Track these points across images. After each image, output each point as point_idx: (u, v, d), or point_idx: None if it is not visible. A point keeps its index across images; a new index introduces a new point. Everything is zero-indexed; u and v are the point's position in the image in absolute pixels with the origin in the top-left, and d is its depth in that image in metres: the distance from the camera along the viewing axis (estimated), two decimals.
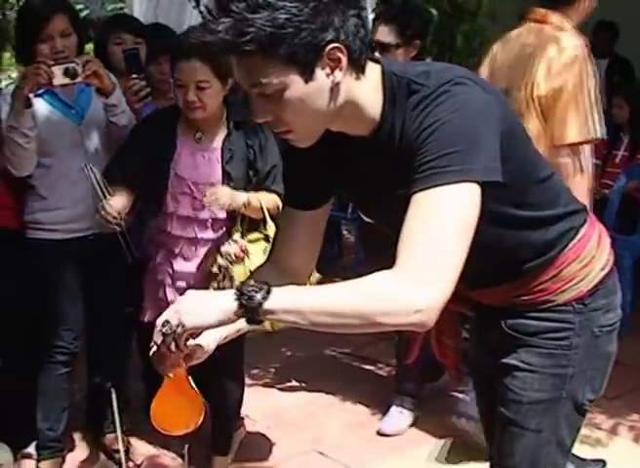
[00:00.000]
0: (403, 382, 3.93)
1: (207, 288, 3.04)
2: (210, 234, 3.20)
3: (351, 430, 3.94)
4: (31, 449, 3.38)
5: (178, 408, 1.65)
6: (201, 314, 1.54)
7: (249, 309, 1.50)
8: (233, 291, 1.54)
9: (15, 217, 3.43)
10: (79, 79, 3.15)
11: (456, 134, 1.53)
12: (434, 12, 4.02)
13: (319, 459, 3.70)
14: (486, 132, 1.56)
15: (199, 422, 1.68)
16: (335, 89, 1.57)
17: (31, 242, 3.40)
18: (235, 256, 3.10)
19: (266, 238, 3.14)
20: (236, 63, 1.57)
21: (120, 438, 1.78)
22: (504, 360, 1.91)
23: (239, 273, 3.07)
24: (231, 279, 3.08)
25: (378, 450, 3.74)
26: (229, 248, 3.12)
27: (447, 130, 1.54)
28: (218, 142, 3.19)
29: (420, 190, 1.52)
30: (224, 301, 1.53)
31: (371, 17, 3.73)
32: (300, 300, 1.51)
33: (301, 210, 1.83)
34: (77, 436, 3.75)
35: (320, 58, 1.53)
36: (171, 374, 1.62)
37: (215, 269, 3.13)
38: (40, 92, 3.23)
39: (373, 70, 1.64)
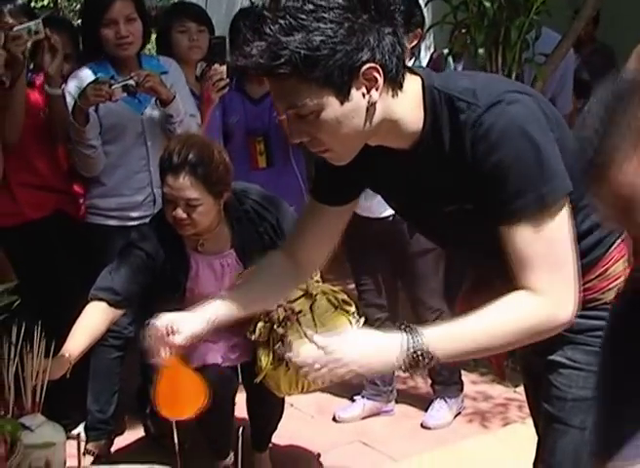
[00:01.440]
0: (447, 376, 3.93)
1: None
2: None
3: (396, 422, 3.96)
4: (80, 430, 3.48)
5: (181, 393, 1.68)
6: (368, 369, 1.63)
7: (415, 369, 1.60)
8: (397, 356, 1.57)
9: (79, 203, 3.52)
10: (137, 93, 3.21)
11: (530, 157, 1.56)
12: (488, 4, 3.99)
13: (363, 450, 3.72)
14: (549, 142, 1.59)
15: (204, 402, 1.72)
16: (371, 108, 1.57)
17: (91, 227, 3.48)
18: (286, 320, 2.84)
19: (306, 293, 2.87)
20: (271, 85, 1.58)
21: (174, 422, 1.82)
22: (550, 357, 1.90)
23: (294, 335, 2.79)
24: (283, 340, 2.82)
25: (422, 443, 3.75)
26: (275, 314, 2.84)
27: (520, 163, 1.55)
28: (226, 244, 2.96)
29: (522, 218, 1.58)
30: (390, 362, 1.59)
31: None
32: (460, 347, 1.63)
33: (327, 205, 1.85)
34: (126, 419, 3.83)
35: (356, 79, 1.53)
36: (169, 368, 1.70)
37: (255, 336, 2.88)
38: None
39: (412, 84, 1.63)
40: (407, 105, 1.62)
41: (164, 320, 1.77)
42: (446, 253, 2.97)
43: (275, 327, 2.84)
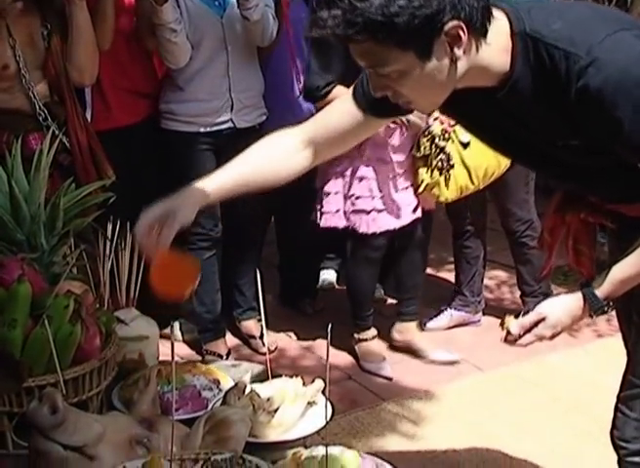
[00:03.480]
0: (536, 288, 3.88)
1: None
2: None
3: (482, 332, 3.95)
4: (168, 330, 3.59)
5: (175, 272, 1.66)
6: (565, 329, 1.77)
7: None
8: (584, 315, 1.72)
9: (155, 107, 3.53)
10: None
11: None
12: None
13: None
14: None
15: (197, 279, 1.70)
16: (455, 63, 1.48)
17: (166, 132, 3.48)
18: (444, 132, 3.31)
19: None
20: (351, 48, 1.50)
21: (263, 323, 1.84)
22: None
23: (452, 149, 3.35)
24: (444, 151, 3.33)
25: (508, 354, 3.72)
26: (434, 127, 3.33)
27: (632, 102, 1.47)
28: None
29: None
30: (580, 316, 1.74)
31: None
32: (630, 284, 1.70)
33: (364, 112, 1.75)
34: None
35: (438, 38, 1.44)
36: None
37: (421, 153, 3.38)
38: None
39: (498, 28, 1.52)
40: (494, 52, 1.52)
41: (151, 215, 1.66)
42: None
43: (437, 140, 3.33)
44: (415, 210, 3.49)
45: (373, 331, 3.66)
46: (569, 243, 1.98)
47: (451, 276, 4.21)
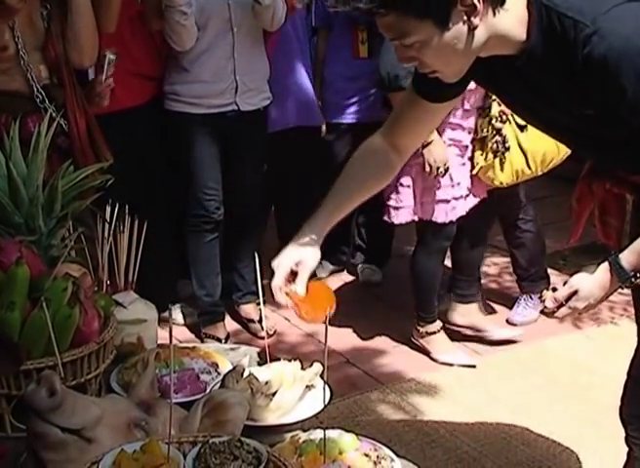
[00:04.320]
0: (533, 272, 3.87)
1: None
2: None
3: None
4: (167, 314, 3.58)
5: (315, 302, 1.76)
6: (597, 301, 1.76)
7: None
8: (608, 277, 1.71)
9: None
10: None
11: None
12: None
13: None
14: None
15: (334, 299, 1.80)
16: (474, 32, 1.55)
17: (170, 113, 3.47)
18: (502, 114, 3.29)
19: None
20: (377, 21, 1.57)
21: (262, 307, 1.85)
22: None
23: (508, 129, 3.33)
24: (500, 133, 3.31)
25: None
26: (492, 108, 3.32)
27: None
28: None
29: None
30: (609, 287, 1.73)
31: None
32: None
33: (426, 100, 1.83)
34: None
35: (454, 7, 1.51)
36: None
37: (479, 135, 3.37)
38: None
39: None
40: (511, 20, 1.58)
41: (284, 268, 1.75)
42: None
43: (494, 122, 3.31)
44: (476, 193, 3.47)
45: (439, 323, 3.63)
46: (595, 213, 2.01)
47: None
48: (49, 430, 1.34)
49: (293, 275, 1.76)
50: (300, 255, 1.77)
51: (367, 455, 1.52)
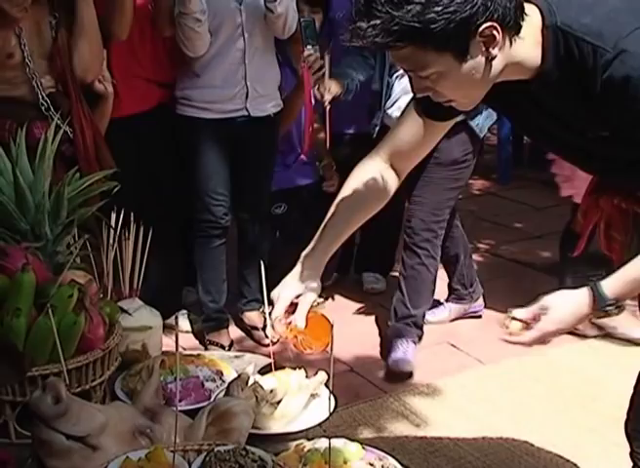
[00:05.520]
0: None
1: None
2: None
3: (484, 325, 3.95)
4: (172, 321, 3.58)
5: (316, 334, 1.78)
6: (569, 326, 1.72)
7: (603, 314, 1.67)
8: (590, 314, 1.67)
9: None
10: None
11: None
12: None
13: (451, 351, 3.75)
14: None
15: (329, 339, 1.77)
16: (491, 62, 1.53)
17: (181, 118, 3.48)
18: None
19: None
20: (391, 54, 1.55)
21: (267, 314, 1.85)
22: None
23: None
24: None
25: (510, 347, 3.72)
26: None
27: None
28: None
29: None
30: (585, 314, 1.68)
31: None
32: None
33: (428, 119, 1.81)
34: None
35: (473, 39, 1.48)
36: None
37: None
38: None
39: (531, 22, 1.55)
40: (526, 46, 1.56)
41: (286, 299, 1.74)
42: None
43: None
44: None
45: None
46: (600, 227, 2.00)
47: None
48: (54, 437, 1.34)
49: (292, 306, 1.75)
50: (301, 289, 1.76)
51: (371, 465, 1.52)
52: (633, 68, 1.48)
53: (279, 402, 1.65)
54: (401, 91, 3.46)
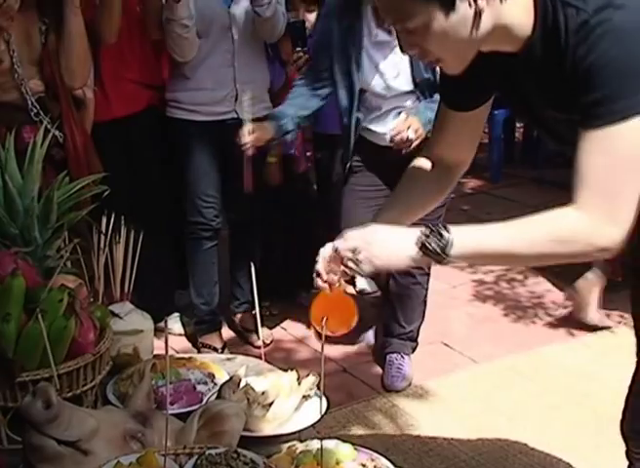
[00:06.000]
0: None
1: None
2: None
3: (478, 325, 3.96)
4: (163, 324, 3.57)
5: (336, 313, 1.70)
6: (390, 260, 1.58)
7: (434, 259, 1.53)
8: (416, 239, 1.54)
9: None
10: None
11: (622, 69, 1.44)
12: None
13: (444, 350, 3.75)
14: None
15: (354, 324, 1.74)
16: (479, 17, 1.50)
17: (171, 120, 3.49)
18: None
19: None
20: (378, 4, 1.55)
21: (258, 315, 1.84)
22: None
23: None
24: None
25: (504, 346, 3.74)
26: None
27: (612, 67, 1.45)
28: None
29: (596, 126, 1.47)
30: (410, 250, 1.55)
31: None
32: (484, 247, 1.52)
33: (456, 111, 1.80)
34: None
35: None
36: (328, 292, 1.67)
37: None
38: None
39: None
40: (517, 10, 1.53)
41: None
42: None
43: None
44: None
45: None
46: None
47: None
48: (45, 442, 1.33)
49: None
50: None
51: (364, 466, 1.52)
52: (602, 22, 1.45)
53: (271, 404, 1.65)
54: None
